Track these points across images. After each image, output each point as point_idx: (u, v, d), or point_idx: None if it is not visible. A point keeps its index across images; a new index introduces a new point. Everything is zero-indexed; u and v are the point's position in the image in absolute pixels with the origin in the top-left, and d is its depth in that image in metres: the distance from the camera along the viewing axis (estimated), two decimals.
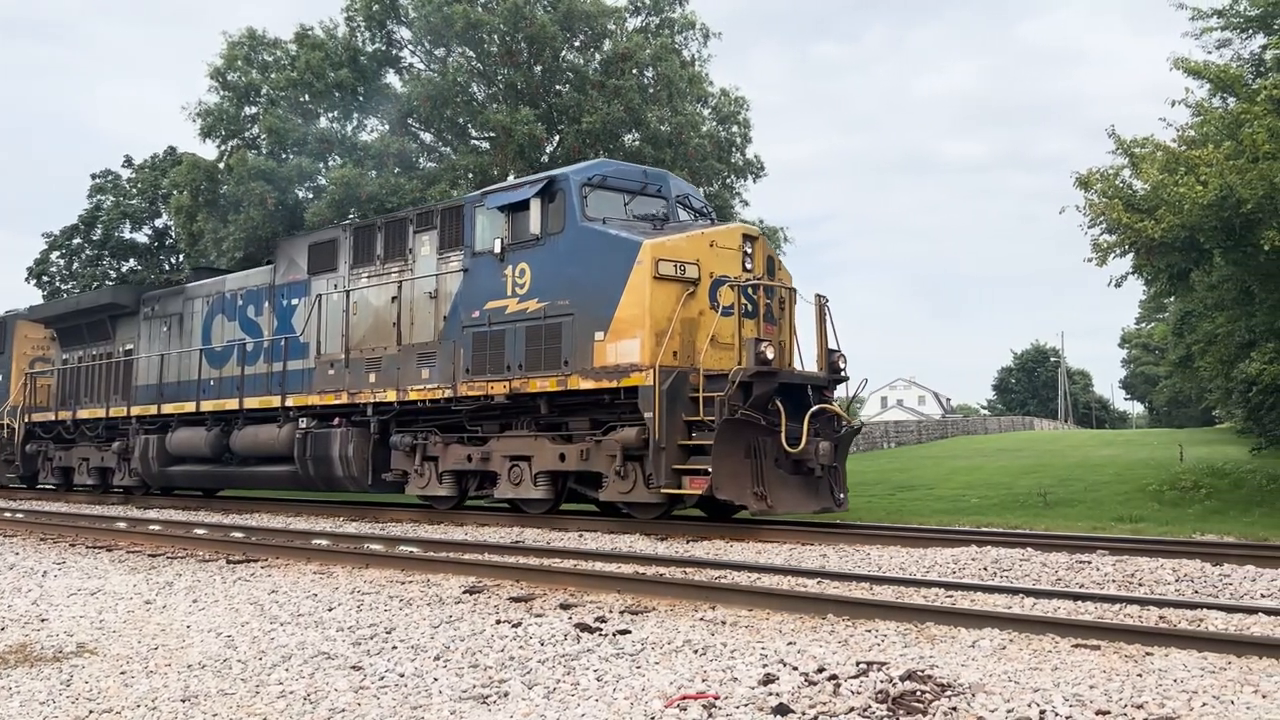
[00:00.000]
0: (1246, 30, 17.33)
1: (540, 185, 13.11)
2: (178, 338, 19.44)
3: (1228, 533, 12.97)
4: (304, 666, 5.53)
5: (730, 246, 12.61)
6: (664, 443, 11.45)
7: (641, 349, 11.83)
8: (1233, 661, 5.01)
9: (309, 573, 9.27)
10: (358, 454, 15.31)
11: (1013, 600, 6.83)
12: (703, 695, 4.63)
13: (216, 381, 18.20)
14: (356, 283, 15.74)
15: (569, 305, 12.61)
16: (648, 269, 11.87)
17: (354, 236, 16.00)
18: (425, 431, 14.66)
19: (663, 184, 13.69)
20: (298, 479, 16.34)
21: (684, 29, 26.13)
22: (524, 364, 13.07)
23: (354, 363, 15.52)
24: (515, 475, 13.41)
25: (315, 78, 24.49)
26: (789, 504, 11.73)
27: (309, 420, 16.19)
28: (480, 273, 13.78)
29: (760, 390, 11.55)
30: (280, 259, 17.53)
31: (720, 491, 11.23)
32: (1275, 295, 15.19)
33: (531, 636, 6.03)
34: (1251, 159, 13.57)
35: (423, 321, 14.58)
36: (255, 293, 17.90)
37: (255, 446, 16.98)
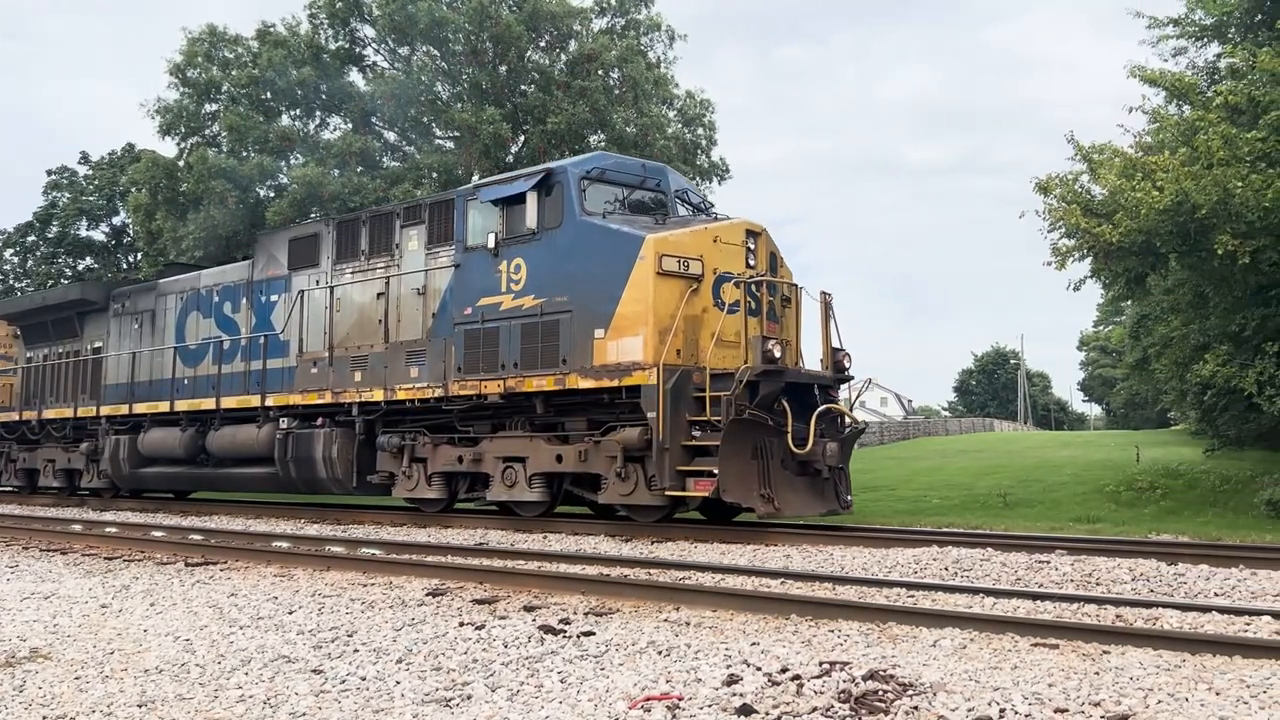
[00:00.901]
0: (1201, 39, 17.67)
1: (537, 178, 12.71)
2: (150, 335, 18.89)
3: (1182, 532, 13.19)
4: (264, 670, 5.46)
5: (734, 242, 12.29)
6: (668, 443, 11.12)
7: (644, 347, 11.49)
8: (1187, 659, 5.10)
9: (269, 575, 9.17)
10: (342, 455, 14.87)
11: (973, 600, 6.90)
12: (667, 696, 4.64)
13: (191, 380, 17.68)
14: (340, 278, 15.29)
15: (567, 302, 12.25)
16: (650, 264, 11.54)
17: (337, 231, 15.54)
18: (413, 432, 14.26)
19: (661, 178, 13.35)
20: (278, 481, 15.90)
21: (650, 31, 26.17)
22: (519, 362, 12.69)
23: (338, 361, 15.07)
24: (509, 477, 13.01)
25: (277, 75, 24.24)
26: (796, 506, 11.46)
27: (290, 420, 15.72)
28: (473, 268, 13.38)
29: (767, 389, 11.28)
30: (259, 254, 17.01)
31: (727, 494, 10.93)
32: (1228, 299, 15.48)
33: (495, 639, 6.00)
34: (1206, 165, 13.82)
35: (410, 318, 14.19)
36: (232, 289, 17.38)
37: (233, 447, 16.50)
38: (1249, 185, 13.31)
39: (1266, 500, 15.12)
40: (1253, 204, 13.32)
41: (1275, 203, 13.30)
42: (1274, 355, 14.50)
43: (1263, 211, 13.38)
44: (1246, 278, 14.40)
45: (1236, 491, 16.36)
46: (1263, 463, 17.49)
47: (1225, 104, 14.79)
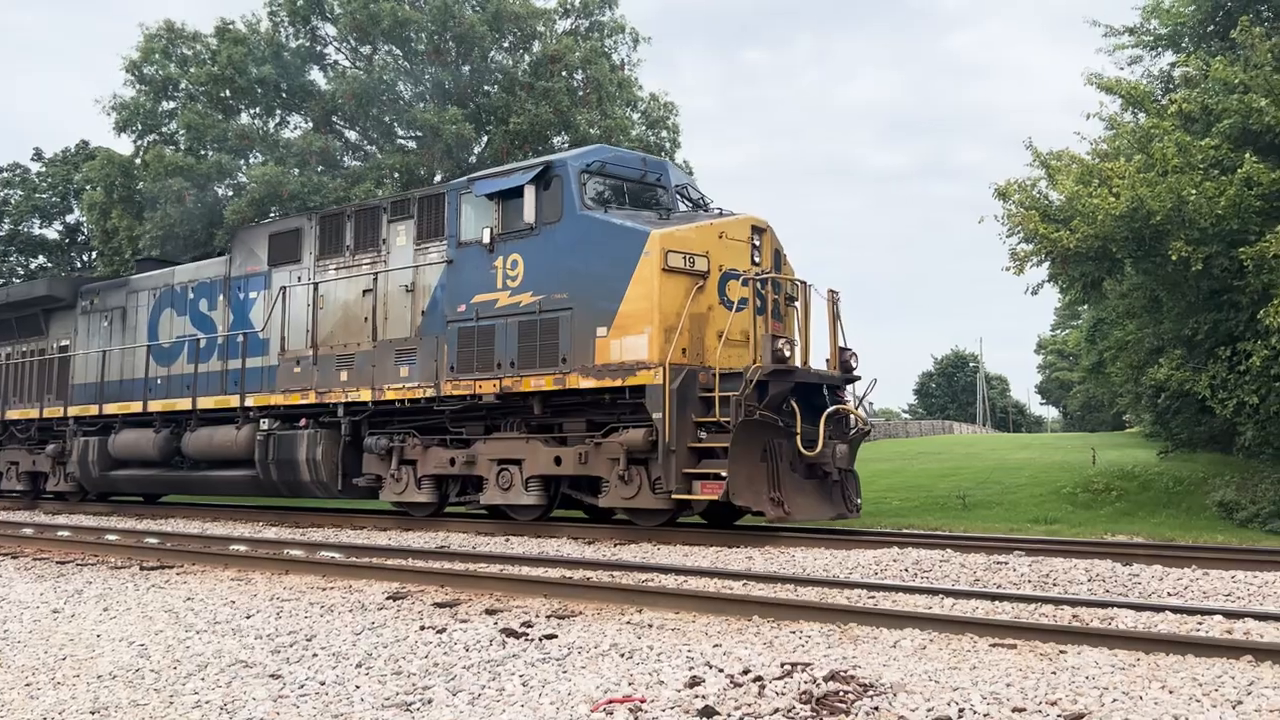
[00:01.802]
0: (1156, 48, 17.97)
1: (535, 171, 12.35)
2: (120, 333, 18.18)
3: (1137, 533, 13.40)
4: (220, 676, 5.39)
5: (739, 238, 11.96)
6: (674, 445, 10.83)
7: (650, 345, 11.15)
8: (1141, 658, 5.17)
9: (226, 579, 9.05)
10: (326, 457, 14.37)
11: (933, 601, 6.96)
12: (629, 699, 4.63)
13: (164, 380, 17.04)
14: (324, 275, 14.78)
15: (567, 299, 11.89)
16: (656, 260, 11.20)
17: (320, 226, 15.04)
18: (402, 433, 13.81)
19: (662, 172, 13.00)
20: (259, 484, 15.39)
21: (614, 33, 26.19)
22: (516, 361, 12.30)
23: (323, 360, 14.57)
24: (504, 480, 12.59)
25: (236, 73, 23.98)
26: (805, 510, 11.17)
27: (271, 421, 15.20)
28: (466, 264, 12.97)
29: (776, 390, 10.98)
30: (236, 249, 16.42)
31: (737, 497, 10.63)
32: (1182, 304, 15.75)
33: (456, 642, 5.96)
34: (1161, 172, 14.06)
35: (398, 316, 13.76)
36: (208, 285, 16.76)
37: (210, 449, 15.94)
38: (1202, 192, 13.56)
39: (1218, 501, 15.41)
40: (1205, 211, 13.57)
41: (1227, 210, 13.56)
42: (1225, 360, 14.77)
43: (1215, 218, 13.64)
44: (1199, 283, 14.66)
45: (1189, 493, 16.65)
46: (1214, 465, 17.81)
47: (1179, 112, 15.06)
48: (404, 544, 11.50)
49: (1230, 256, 13.92)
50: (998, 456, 26.90)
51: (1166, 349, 16.50)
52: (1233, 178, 13.67)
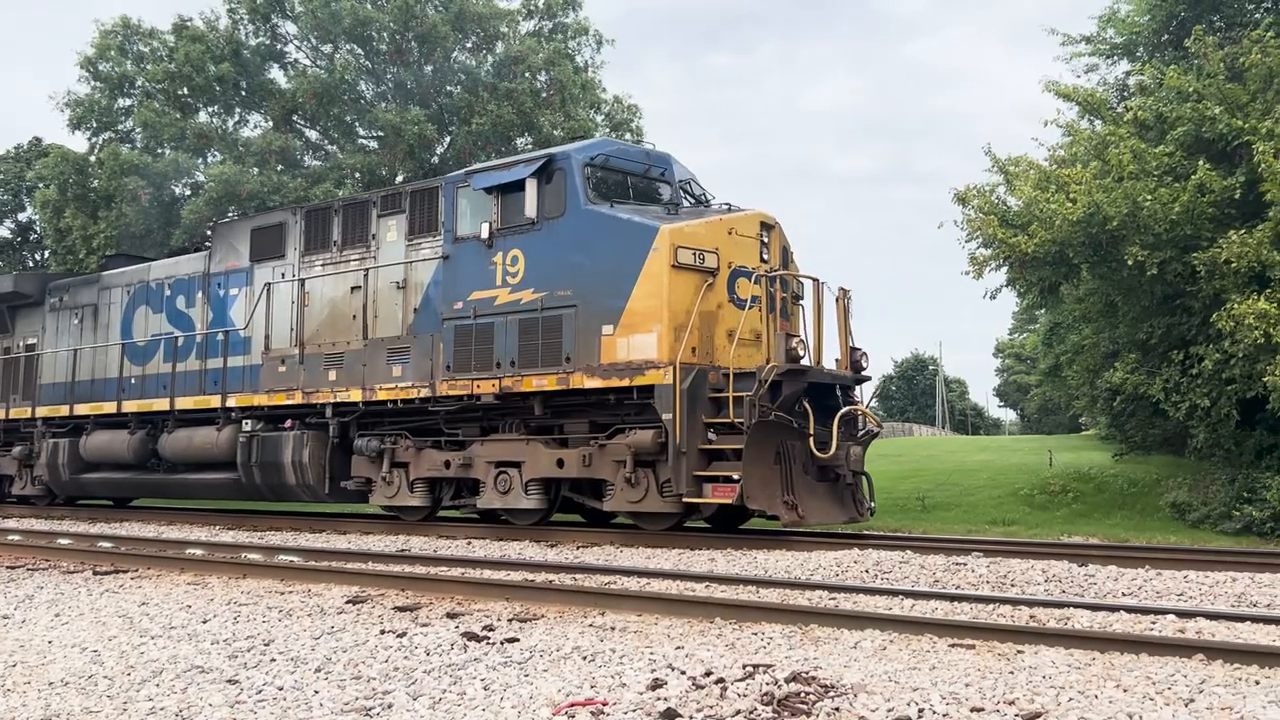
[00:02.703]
0: (1112, 57, 18.25)
1: (537, 164, 11.97)
2: (92, 331, 17.57)
3: (1092, 534, 13.59)
4: (176, 682, 5.30)
5: (749, 234, 11.73)
6: (685, 447, 10.53)
7: (659, 344, 10.83)
8: (1097, 658, 5.24)
9: (182, 584, 8.91)
10: (313, 460, 13.86)
11: (893, 601, 7.01)
12: (591, 702, 4.62)
13: (139, 380, 16.47)
14: (310, 271, 14.30)
15: (571, 296, 11.53)
16: (665, 256, 10.88)
17: (305, 220, 14.56)
18: (393, 435, 13.37)
19: (666, 167, 12.65)
20: (240, 487, 14.86)
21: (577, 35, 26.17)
22: (517, 360, 11.91)
23: (310, 359, 14.07)
24: (503, 483, 12.17)
25: (194, 71, 23.68)
26: (819, 514, 10.91)
27: (254, 422, 14.64)
28: (464, 260, 12.56)
29: (790, 390, 10.73)
30: (216, 245, 15.91)
31: (751, 501, 10.36)
32: (1137, 308, 16.00)
33: (417, 646, 5.92)
34: (1116, 179, 14.28)
35: (389, 314, 13.34)
36: (186, 282, 16.18)
37: (189, 451, 15.38)
38: (1157, 199, 13.79)
39: (1170, 503, 15.66)
40: (1160, 216, 13.80)
41: (1181, 216, 13.80)
42: (1179, 363, 15.03)
43: (1169, 224, 13.88)
44: (1154, 288, 14.91)
45: (1143, 494, 16.91)
46: (1167, 467, 18.11)
47: (1135, 120, 15.31)
48: (364, 547, 11.40)
49: (1184, 262, 14.17)
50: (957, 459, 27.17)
51: (1121, 353, 16.75)
52: (1186, 184, 13.92)
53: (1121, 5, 17.68)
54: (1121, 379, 16.28)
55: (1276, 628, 5.99)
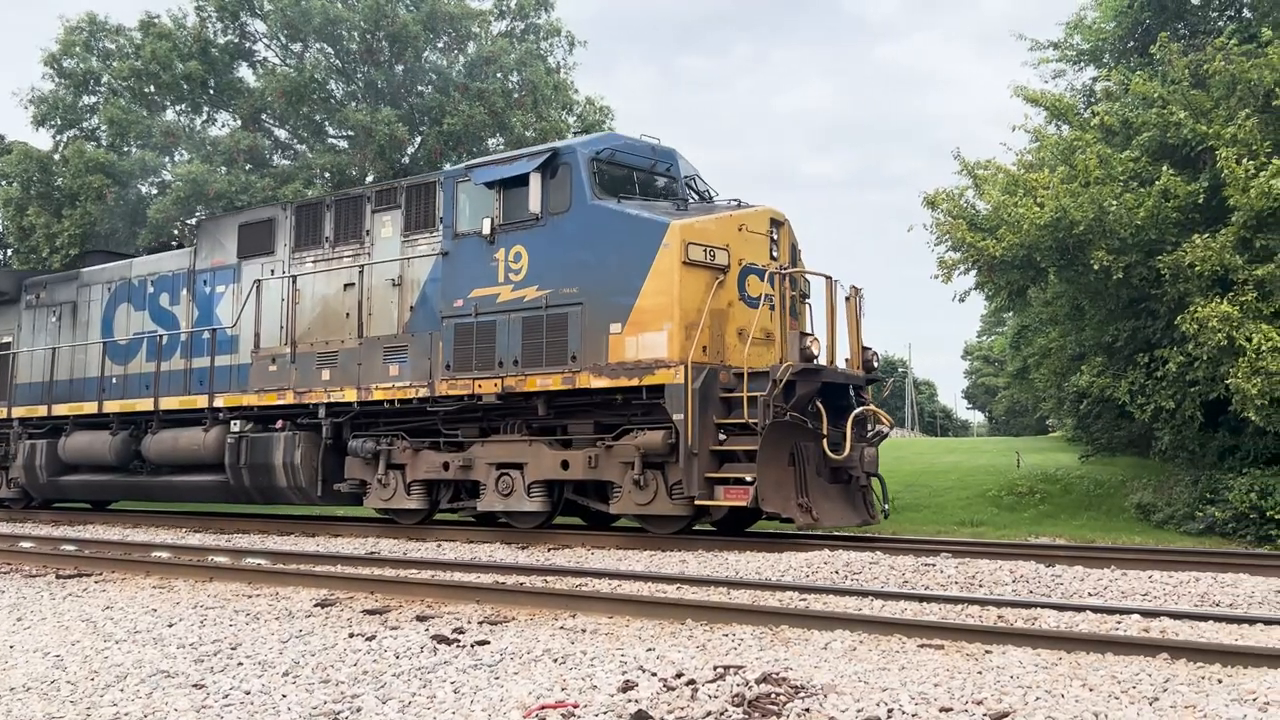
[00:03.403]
0: (1079, 63, 18.46)
1: (542, 158, 11.68)
2: (71, 329, 17.15)
3: (1059, 535, 13.74)
4: (141, 686, 5.24)
5: (759, 231, 11.50)
6: (696, 448, 10.32)
7: (669, 342, 10.60)
8: (1063, 657, 5.29)
9: (147, 587, 8.81)
10: (306, 461, 13.51)
11: (863, 602, 7.05)
12: (561, 704, 4.61)
13: (121, 379, 16.07)
14: (300, 267, 13.99)
15: (577, 293, 11.27)
16: (676, 253, 10.65)
17: (296, 216, 14.25)
18: (389, 435, 13.06)
19: (671, 162, 12.42)
20: (229, 490, 14.50)
21: (550, 35, 26.14)
22: (520, 359, 11.64)
23: (302, 358, 13.73)
24: (504, 485, 11.92)
25: (161, 68, 23.42)
26: (832, 516, 10.73)
27: (243, 423, 14.28)
28: (464, 257, 12.26)
29: (804, 390, 10.52)
30: (202, 241, 15.55)
31: (766, 503, 10.16)
32: (1103, 312, 16.18)
33: (386, 650, 5.88)
34: (1083, 184, 14.44)
35: (384, 311, 13.05)
36: (170, 279, 15.80)
37: (175, 453, 15.02)
38: (1123, 203, 13.96)
39: (1136, 504, 15.85)
40: (1126, 221, 13.97)
41: (1146, 220, 13.97)
42: (1144, 366, 15.21)
43: (1135, 229, 14.05)
44: (1119, 292, 15.08)
45: (1109, 496, 17.11)
46: (1133, 468, 18.33)
47: (1101, 125, 15.49)
48: (333, 550, 11.31)
49: (1149, 266, 14.34)
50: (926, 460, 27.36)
51: (1088, 355, 16.94)
52: (1151, 189, 14.10)
53: (1088, 12, 17.90)
54: (1088, 381, 16.45)
55: (1239, 627, 6.08)
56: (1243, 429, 14.41)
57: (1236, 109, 14.01)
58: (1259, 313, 13.19)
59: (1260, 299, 13.24)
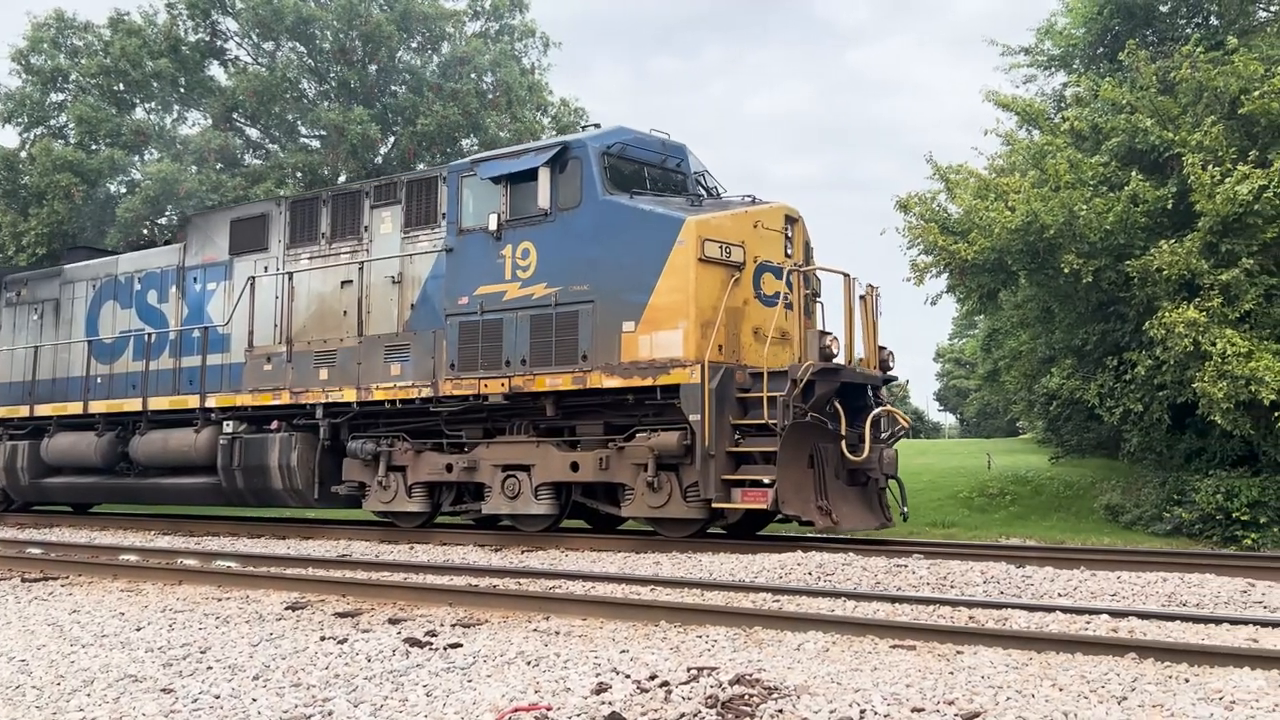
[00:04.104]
0: (1049, 68, 18.65)
1: (551, 152, 11.44)
2: (53, 327, 16.68)
3: (1030, 536, 13.85)
4: (108, 691, 5.17)
5: (774, 228, 11.30)
6: (713, 449, 10.13)
7: (685, 341, 10.38)
8: (1034, 657, 5.34)
9: (115, 591, 8.70)
10: (302, 463, 13.18)
11: (836, 603, 7.08)
12: (535, 707, 4.60)
13: (106, 379, 15.63)
14: (295, 264, 13.66)
15: (588, 291, 11.02)
16: (691, 250, 10.43)
17: (291, 212, 13.91)
18: (390, 436, 12.78)
19: (682, 158, 12.19)
20: (221, 492, 14.14)
21: (524, 36, 26.10)
22: (528, 359, 11.37)
23: (298, 357, 13.39)
24: (511, 487, 11.66)
25: (131, 66, 23.17)
26: (852, 519, 10.54)
27: (237, 423, 13.92)
28: (469, 253, 11.96)
29: (823, 390, 10.33)
30: (192, 237, 15.08)
31: (786, 506, 9.97)
32: (1073, 315, 16.34)
33: (358, 653, 5.84)
34: (1053, 188, 14.58)
35: (383, 309, 12.75)
36: (158, 276, 15.40)
37: (164, 454, 14.62)
38: (1092, 208, 14.11)
39: (1105, 505, 16.02)
40: (1095, 225, 14.12)
41: (1115, 225, 14.13)
42: (1113, 369, 15.37)
43: (1104, 233, 14.20)
44: (1089, 295, 15.24)
45: (1078, 497, 17.27)
46: (1102, 470, 18.51)
47: (1071, 130, 15.66)
48: (304, 553, 11.22)
49: (1118, 270, 14.50)
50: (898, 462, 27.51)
51: (1058, 358, 17.10)
52: (1120, 194, 14.26)
53: (1059, 18, 18.09)
54: (1058, 384, 16.60)
55: (1205, 626, 6.15)
56: (1209, 432, 14.59)
57: (1203, 116, 14.21)
58: (1224, 318, 13.37)
59: (1225, 304, 13.43)
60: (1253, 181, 13.05)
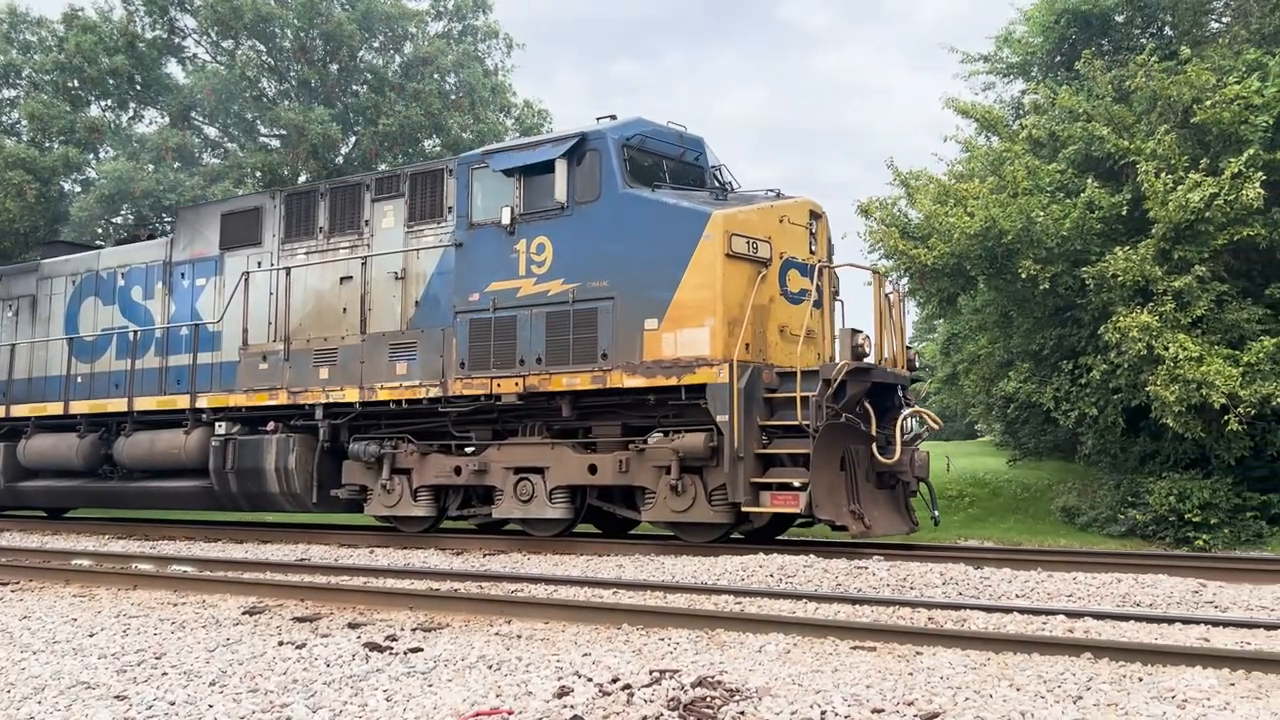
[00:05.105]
0: (1008, 76, 18.90)
1: (569, 144, 11.04)
2: (30, 324, 16.10)
3: (988, 538, 14.01)
4: (60, 699, 5.08)
5: (799, 223, 11.01)
6: (743, 451, 9.84)
7: (712, 339, 10.06)
8: (992, 658, 5.39)
9: (68, 596, 8.54)
10: (300, 466, 12.72)
11: (797, 605, 7.11)
12: (496, 711, 4.57)
13: (88, 378, 15.10)
14: (291, 259, 13.20)
15: (608, 287, 10.66)
16: (719, 245, 10.10)
17: (286, 205, 13.44)
18: (394, 438, 12.34)
19: (701, 151, 11.90)
20: (213, 496, 13.64)
21: (487, 38, 26.02)
22: (544, 357, 10.99)
23: (296, 355, 12.92)
24: (524, 491, 11.28)
25: (86, 62, 22.82)
26: (883, 524, 10.24)
27: (230, 425, 13.44)
28: (480, 248, 11.56)
29: (854, 390, 10.03)
30: (180, 231, 14.64)
31: (820, 510, 9.68)
32: (1030, 320, 16.57)
33: (317, 658, 5.78)
34: (1011, 194, 14.78)
35: (384, 306, 12.34)
36: (143, 271, 14.87)
37: (152, 457, 14.11)
38: (1049, 214, 14.31)
39: (1061, 507, 16.24)
40: (1052, 231, 14.33)
41: (1071, 231, 14.35)
42: (1068, 373, 15.59)
43: (1061, 239, 14.41)
44: (1046, 300, 15.45)
45: (1035, 499, 17.50)
46: (1058, 472, 18.77)
47: (1029, 137, 15.88)
48: (262, 557, 11.09)
49: (1074, 275, 14.72)
50: None
51: (1015, 362, 17.32)
52: (1076, 201, 14.48)
53: (1018, 26, 18.33)
54: (1015, 388, 16.81)
55: (1158, 626, 6.25)
56: (1162, 434, 14.84)
57: (1157, 124, 14.46)
58: (1177, 323, 13.61)
59: (1178, 309, 13.67)
60: (1204, 189, 13.31)
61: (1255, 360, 13.17)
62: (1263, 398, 13.04)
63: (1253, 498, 14.19)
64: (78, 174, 23.88)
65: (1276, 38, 15.23)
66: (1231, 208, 13.29)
